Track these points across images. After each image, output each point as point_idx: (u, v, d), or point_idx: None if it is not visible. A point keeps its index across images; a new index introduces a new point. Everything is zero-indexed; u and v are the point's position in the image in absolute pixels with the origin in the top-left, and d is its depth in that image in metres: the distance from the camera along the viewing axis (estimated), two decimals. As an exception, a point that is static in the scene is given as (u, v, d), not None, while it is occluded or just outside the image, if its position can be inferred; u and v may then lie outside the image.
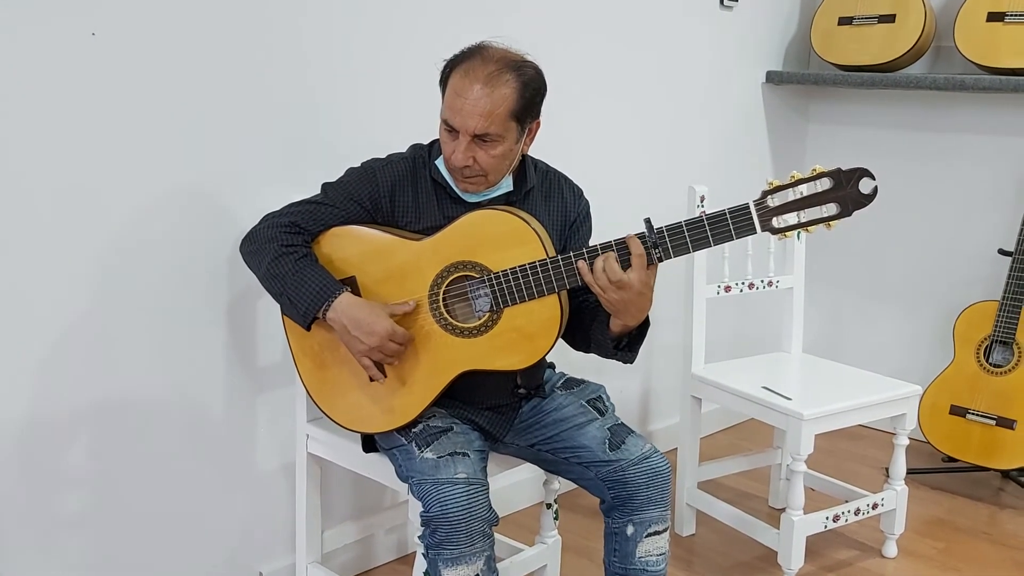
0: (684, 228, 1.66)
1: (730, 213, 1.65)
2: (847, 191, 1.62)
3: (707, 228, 1.65)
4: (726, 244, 1.88)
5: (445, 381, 1.80)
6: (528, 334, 1.75)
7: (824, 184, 1.63)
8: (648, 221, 1.69)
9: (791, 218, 1.64)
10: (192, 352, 2.04)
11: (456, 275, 1.77)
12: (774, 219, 1.64)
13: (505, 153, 1.76)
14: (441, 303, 1.78)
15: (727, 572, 2.50)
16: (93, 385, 1.91)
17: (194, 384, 2.06)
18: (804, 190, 1.64)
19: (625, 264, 1.68)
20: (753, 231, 1.66)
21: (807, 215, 1.64)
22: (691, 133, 3.11)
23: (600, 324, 1.81)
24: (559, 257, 1.71)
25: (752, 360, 2.66)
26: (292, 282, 1.76)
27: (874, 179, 1.62)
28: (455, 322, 1.78)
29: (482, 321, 1.77)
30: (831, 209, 1.63)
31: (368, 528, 2.40)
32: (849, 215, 1.63)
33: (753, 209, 1.65)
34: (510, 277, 1.73)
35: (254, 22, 2.01)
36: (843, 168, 1.63)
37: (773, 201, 1.64)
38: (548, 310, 1.74)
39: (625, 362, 1.86)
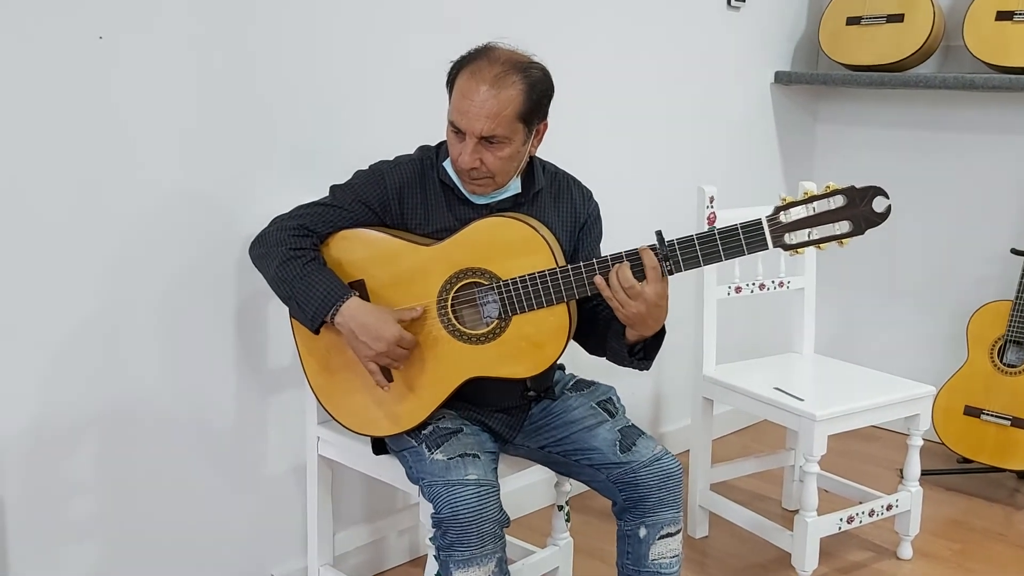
0: (695, 242, 1.66)
1: (742, 228, 1.64)
2: (860, 209, 1.62)
3: (719, 243, 1.65)
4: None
5: (452, 387, 1.80)
6: (536, 342, 1.75)
7: (837, 201, 1.62)
8: (659, 234, 1.68)
9: (803, 235, 1.64)
10: (202, 355, 2.05)
11: (465, 281, 1.77)
12: (786, 235, 1.64)
13: (512, 155, 1.76)
14: (449, 309, 1.78)
15: (740, 574, 2.48)
16: (102, 390, 1.91)
17: (204, 387, 2.07)
18: (817, 207, 1.63)
19: (639, 276, 1.68)
20: (765, 247, 1.65)
21: (819, 232, 1.64)
22: (700, 134, 3.10)
23: (615, 334, 1.80)
24: (568, 267, 1.71)
25: (764, 361, 2.65)
26: (300, 286, 1.77)
27: (888, 198, 1.61)
28: (463, 328, 1.78)
29: (490, 328, 1.77)
30: (844, 227, 1.63)
31: (380, 530, 2.40)
32: (862, 233, 1.63)
33: (766, 225, 1.64)
34: (519, 285, 1.73)
35: (261, 25, 2.02)
36: (857, 186, 1.62)
37: (786, 217, 1.64)
38: (557, 319, 1.74)
39: (640, 369, 1.86)
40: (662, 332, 1.79)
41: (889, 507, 2.46)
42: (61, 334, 1.84)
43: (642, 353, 1.82)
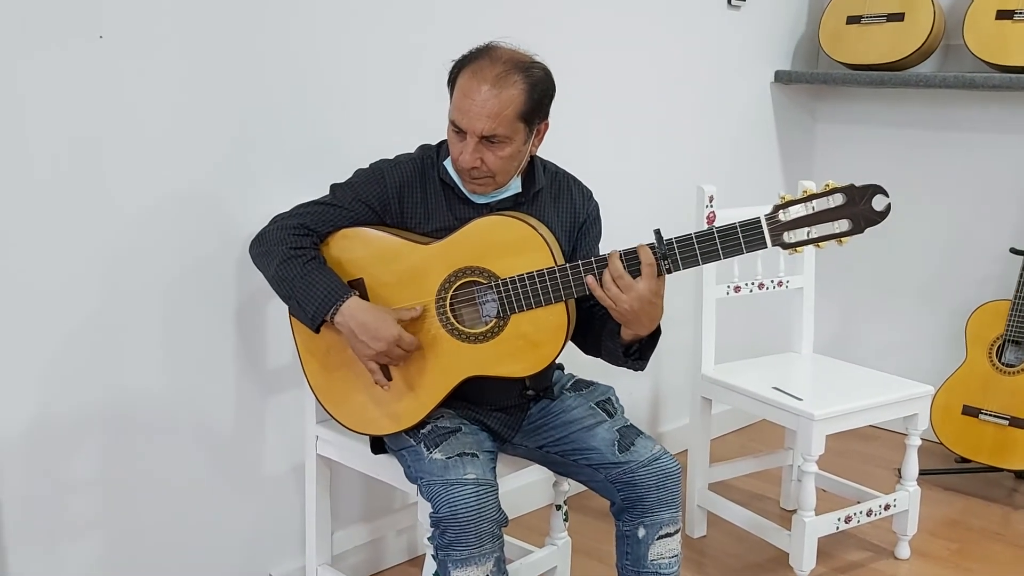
0: (694, 240, 1.66)
1: (741, 227, 1.64)
2: (860, 208, 1.61)
3: (717, 241, 1.65)
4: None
5: (450, 386, 1.80)
6: (534, 341, 1.75)
7: (837, 200, 1.62)
8: (658, 232, 1.68)
9: (802, 233, 1.63)
10: (201, 354, 2.05)
11: (464, 280, 1.77)
12: (785, 234, 1.64)
13: (513, 154, 1.76)
14: (448, 308, 1.78)
15: (738, 574, 2.48)
16: (101, 389, 1.91)
17: (203, 387, 2.06)
18: (816, 205, 1.62)
19: (635, 273, 1.67)
20: (764, 246, 1.65)
21: (818, 231, 1.63)
22: (700, 133, 3.10)
23: (611, 333, 1.80)
24: (567, 265, 1.71)
25: (762, 360, 2.65)
26: (300, 285, 1.76)
27: (887, 196, 1.61)
28: (462, 327, 1.78)
29: (489, 327, 1.77)
30: (843, 225, 1.62)
31: (378, 530, 2.40)
32: (861, 232, 1.62)
33: (764, 223, 1.64)
34: (517, 284, 1.73)
35: (262, 24, 2.02)
36: (856, 184, 1.62)
37: (784, 216, 1.63)
38: (555, 318, 1.73)
39: (636, 370, 1.86)
40: (657, 332, 1.79)
41: (887, 507, 2.46)
42: (61, 333, 1.84)
43: (638, 353, 1.82)
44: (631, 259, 1.68)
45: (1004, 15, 2.87)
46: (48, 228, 1.79)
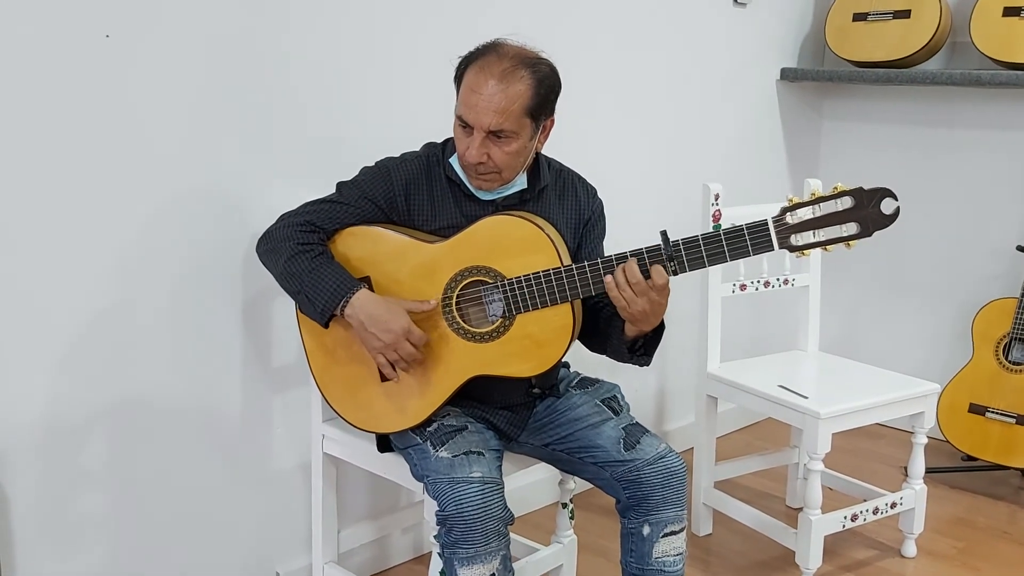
0: (701, 242, 1.66)
1: (748, 229, 1.64)
2: (868, 211, 1.60)
3: (724, 243, 1.64)
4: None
5: (455, 385, 1.80)
6: (540, 341, 1.75)
7: (845, 203, 1.61)
8: (664, 234, 1.68)
9: (810, 236, 1.63)
10: (208, 352, 2.05)
11: (470, 279, 1.77)
12: (792, 236, 1.63)
13: (519, 150, 1.76)
14: (454, 307, 1.78)
15: (744, 572, 2.48)
16: (109, 386, 1.91)
17: (210, 384, 2.07)
18: (824, 208, 1.62)
19: (645, 275, 1.68)
20: (771, 248, 1.64)
21: (826, 234, 1.62)
22: (705, 131, 3.10)
23: (616, 330, 1.80)
24: (573, 267, 1.71)
25: (768, 359, 2.65)
26: (309, 280, 1.77)
27: (896, 200, 1.59)
28: (467, 326, 1.78)
29: (494, 326, 1.77)
30: (851, 229, 1.61)
31: (384, 528, 2.40)
32: (869, 235, 1.61)
33: (771, 226, 1.63)
34: (523, 284, 1.73)
35: (267, 22, 2.02)
36: (865, 187, 1.61)
37: (792, 218, 1.63)
38: (560, 318, 1.74)
39: (640, 365, 1.86)
40: (661, 327, 1.79)
41: (893, 505, 2.46)
42: (70, 330, 1.84)
43: (642, 349, 1.82)
44: (640, 264, 1.68)
45: (1011, 12, 2.86)
46: (57, 227, 1.79)
